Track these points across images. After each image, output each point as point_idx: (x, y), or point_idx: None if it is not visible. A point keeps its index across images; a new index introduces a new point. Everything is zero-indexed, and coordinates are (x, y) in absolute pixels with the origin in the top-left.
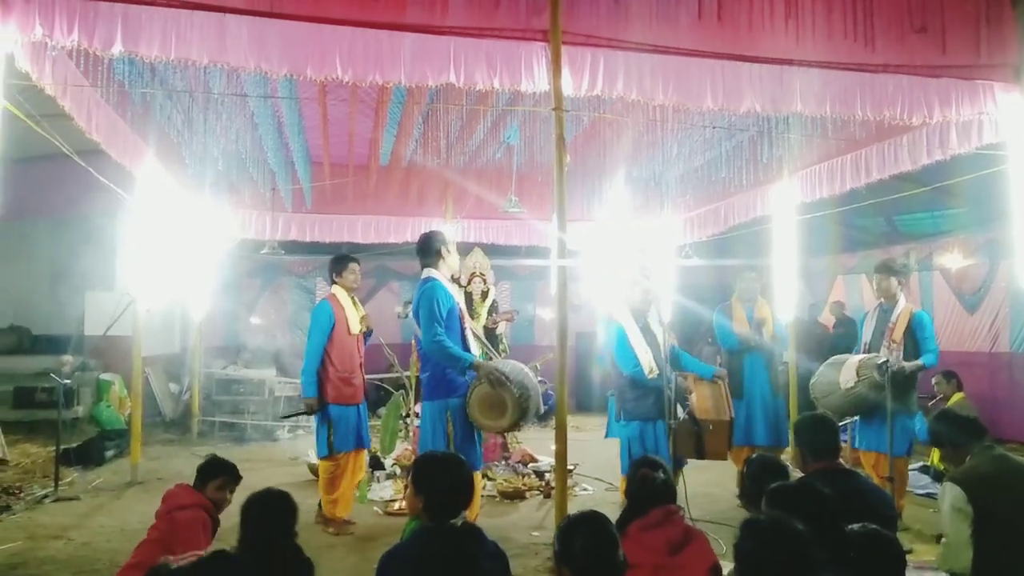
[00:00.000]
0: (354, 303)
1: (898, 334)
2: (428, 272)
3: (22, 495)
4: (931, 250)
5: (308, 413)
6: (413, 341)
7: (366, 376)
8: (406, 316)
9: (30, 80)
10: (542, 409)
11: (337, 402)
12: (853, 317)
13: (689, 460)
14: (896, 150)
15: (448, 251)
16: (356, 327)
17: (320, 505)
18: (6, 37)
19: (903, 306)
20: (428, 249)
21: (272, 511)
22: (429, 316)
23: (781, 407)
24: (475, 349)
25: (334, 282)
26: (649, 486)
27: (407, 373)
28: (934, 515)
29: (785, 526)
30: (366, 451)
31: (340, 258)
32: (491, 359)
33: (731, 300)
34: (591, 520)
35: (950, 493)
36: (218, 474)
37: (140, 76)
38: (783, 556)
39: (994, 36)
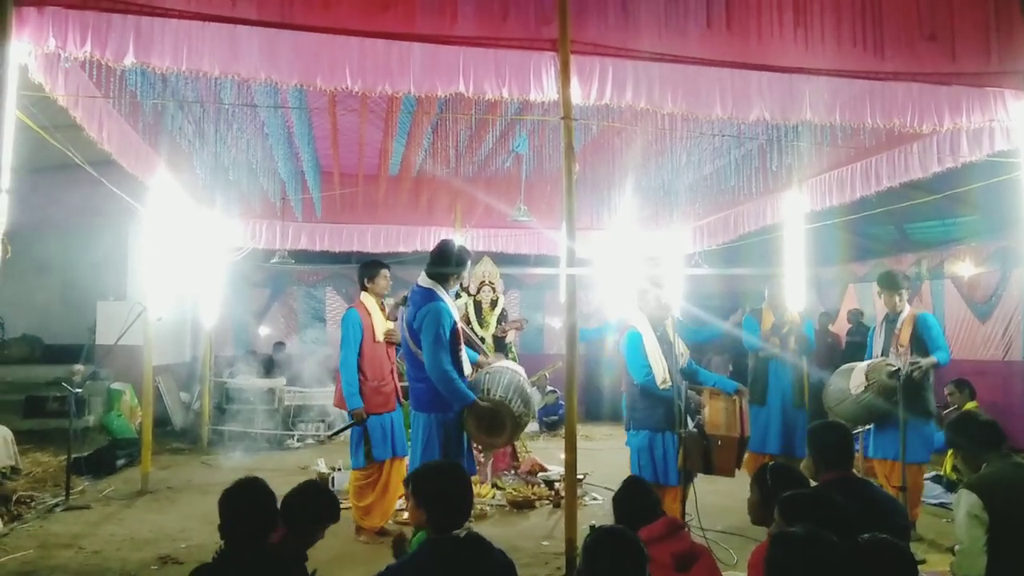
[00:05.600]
0: (381, 310)
1: (904, 338)
2: (433, 285)
3: (33, 504)
4: (942, 258)
5: (358, 424)
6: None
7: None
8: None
9: (43, 91)
10: (535, 416)
11: (371, 412)
12: (869, 325)
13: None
14: (906, 158)
15: (463, 274)
16: (381, 335)
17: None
18: (20, 49)
19: (907, 312)
20: (450, 265)
21: (249, 502)
22: (435, 340)
23: (802, 417)
24: (467, 368)
25: (364, 288)
26: (639, 501)
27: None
28: (947, 525)
29: (819, 538)
30: (406, 459)
31: (371, 264)
32: (487, 358)
33: (762, 306)
34: (620, 537)
35: (966, 500)
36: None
37: (152, 87)
38: (819, 567)
39: (1004, 43)
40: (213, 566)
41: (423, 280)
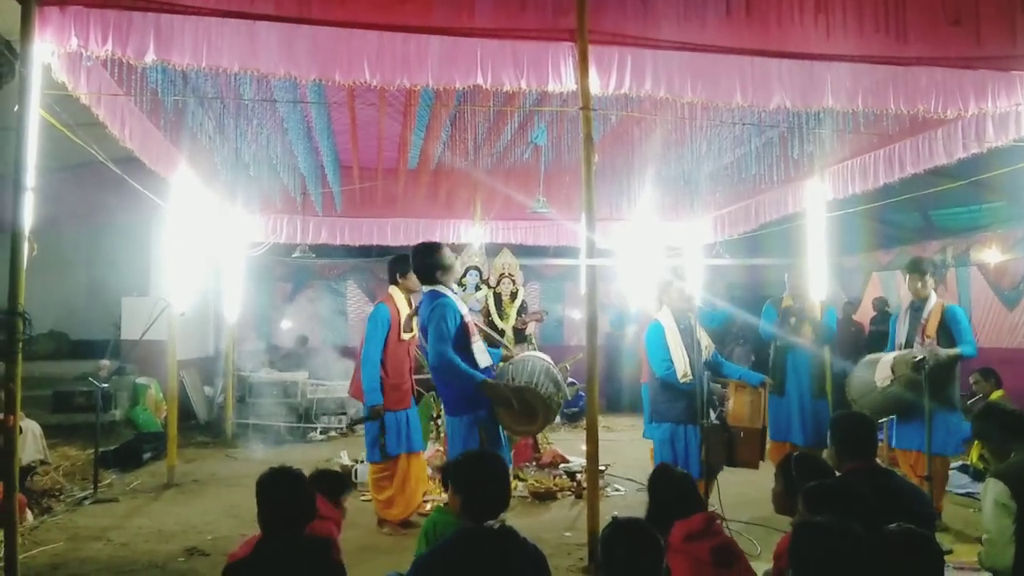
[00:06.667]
0: (409, 306)
1: (931, 329)
2: (433, 286)
3: (62, 497)
4: (968, 245)
5: (374, 419)
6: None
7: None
8: (410, 331)
9: (66, 90)
10: (568, 396)
11: (388, 408)
12: (893, 314)
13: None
14: (930, 144)
15: (446, 266)
16: (407, 333)
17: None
18: (43, 48)
19: (935, 302)
20: (426, 271)
21: (287, 492)
22: (437, 335)
23: (822, 408)
24: (483, 361)
25: (395, 283)
26: (673, 486)
27: None
28: (975, 515)
29: (842, 528)
30: (422, 454)
31: (405, 259)
32: (510, 356)
33: (783, 295)
34: (635, 529)
35: (993, 489)
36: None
37: (172, 84)
38: (840, 558)
39: None
40: (248, 560)
41: (424, 287)
